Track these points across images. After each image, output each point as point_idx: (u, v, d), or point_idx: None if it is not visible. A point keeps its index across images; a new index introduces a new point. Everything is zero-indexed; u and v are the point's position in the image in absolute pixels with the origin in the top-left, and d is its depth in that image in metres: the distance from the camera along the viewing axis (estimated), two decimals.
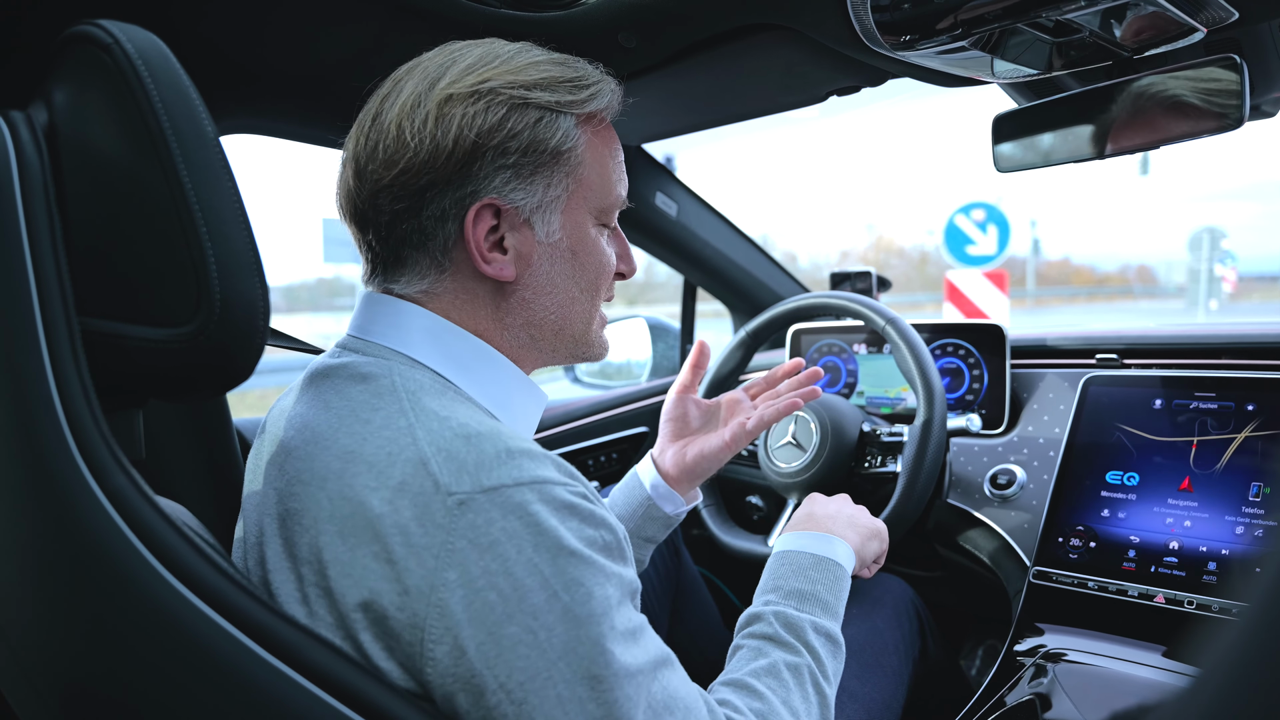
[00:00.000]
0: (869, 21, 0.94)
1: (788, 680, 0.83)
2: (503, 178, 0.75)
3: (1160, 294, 45.75)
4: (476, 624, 0.61)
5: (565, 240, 0.81)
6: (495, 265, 0.77)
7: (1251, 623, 0.23)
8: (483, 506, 0.62)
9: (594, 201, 0.82)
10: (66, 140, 0.64)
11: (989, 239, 7.79)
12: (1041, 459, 1.41)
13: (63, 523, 0.57)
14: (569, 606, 0.62)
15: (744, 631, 0.90)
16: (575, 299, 0.83)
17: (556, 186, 0.78)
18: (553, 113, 0.76)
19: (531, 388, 0.85)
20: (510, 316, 0.80)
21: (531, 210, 0.77)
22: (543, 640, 0.62)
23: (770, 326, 1.59)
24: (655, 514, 1.16)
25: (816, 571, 0.96)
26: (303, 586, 0.67)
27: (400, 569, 0.62)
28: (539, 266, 0.80)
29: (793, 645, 0.86)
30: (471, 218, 0.75)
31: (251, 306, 0.65)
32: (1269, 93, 1.19)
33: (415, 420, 0.68)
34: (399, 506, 0.63)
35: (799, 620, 0.89)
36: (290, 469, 0.70)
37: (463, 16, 1.06)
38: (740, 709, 0.78)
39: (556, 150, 0.77)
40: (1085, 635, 1.18)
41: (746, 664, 0.85)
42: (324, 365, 0.77)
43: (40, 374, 0.57)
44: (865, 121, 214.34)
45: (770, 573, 0.97)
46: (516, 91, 0.75)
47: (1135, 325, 1.64)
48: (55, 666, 0.60)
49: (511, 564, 0.62)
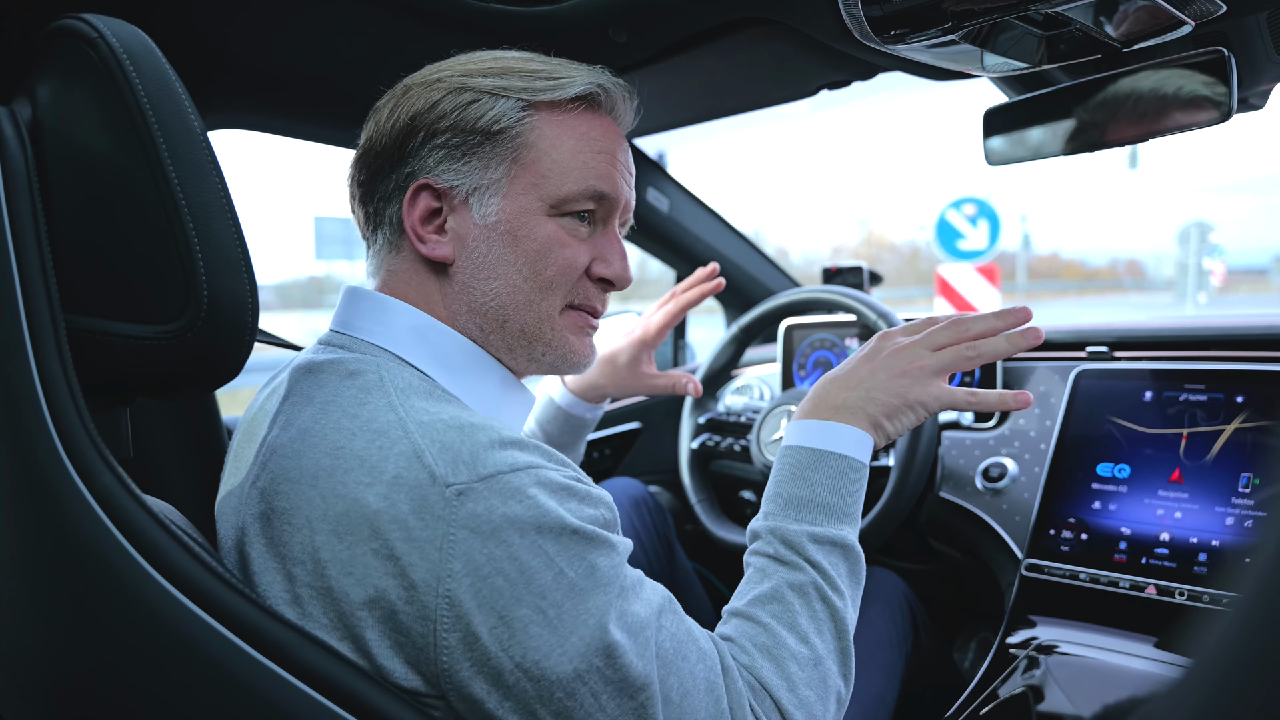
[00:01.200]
0: (859, 15, 0.94)
1: (792, 602, 0.79)
2: (436, 158, 0.78)
3: (1150, 288, 46.01)
4: (487, 610, 0.62)
5: (503, 224, 0.79)
6: (430, 245, 0.79)
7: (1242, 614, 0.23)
8: (482, 495, 0.63)
9: (545, 189, 0.80)
10: (51, 135, 0.64)
11: (980, 234, 7.81)
12: (1033, 452, 1.42)
13: (49, 522, 0.57)
14: (575, 582, 0.64)
15: (750, 549, 0.86)
16: (518, 287, 0.80)
17: (495, 169, 0.79)
18: (491, 95, 0.78)
19: (520, 389, 0.85)
20: (455, 302, 0.81)
21: (469, 192, 0.79)
22: (553, 618, 0.63)
23: (762, 321, 1.59)
24: (581, 424, 1.27)
25: (816, 471, 0.86)
26: (294, 587, 0.66)
27: (403, 564, 0.62)
28: (474, 248, 0.80)
29: (794, 562, 0.81)
30: (409, 197, 0.79)
31: (240, 303, 0.64)
32: (1256, 85, 1.20)
33: (405, 414, 0.68)
34: (395, 501, 0.63)
35: (796, 534, 0.83)
36: (276, 467, 0.69)
37: (453, 11, 1.06)
38: (744, 645, 0.77)
39: (487, 131, 0.78)
40: (1077, 627, 1.18)
41: (751, 589, 0.82)
42: (308, 362, 0.76)
43: (25, 372, 0.57)
44: (856, 116, 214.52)
45: (772, 477, 0.89)
46: (458, 78, 0.79)
47: (1125, 318, 1.64)
48: (43, 667, 0.59)
49: (516, 548, 0.62)
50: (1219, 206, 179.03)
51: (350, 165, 0.85)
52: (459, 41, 0.86)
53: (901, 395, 0.89)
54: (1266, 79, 1.19)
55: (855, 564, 0.84)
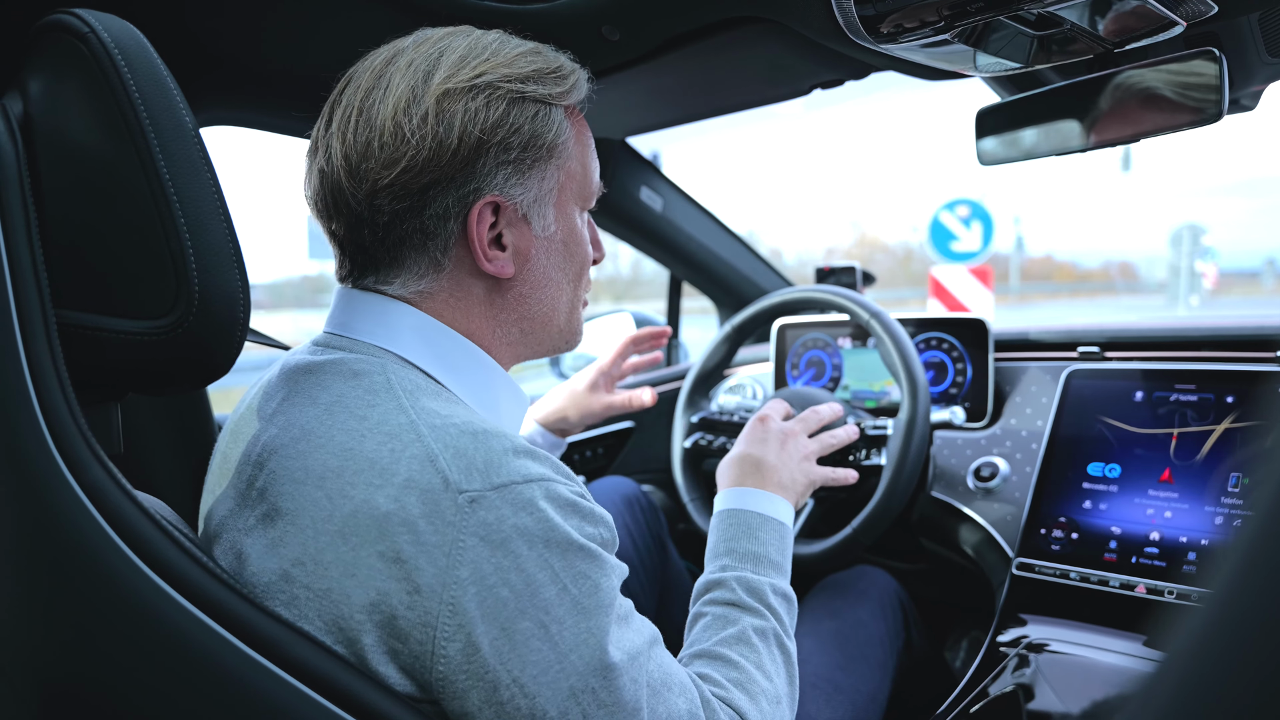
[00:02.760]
0: (852, 14, 0.94)
1: (757, 645, 0.86)
2: (504, 174, 0.75)
3: (1142, 290, 46.18)
4: (490, 620, 0.61)
5: (559, 233, 0.81)
6: (496, 263, 0.77)
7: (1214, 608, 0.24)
8: (494, 504, 0.62)
9: (579, 191, 0.83)
10: (42, 131, 0.64)
11: (973, 235, 7.83)
12: (1024, 451, 1.42)
13: (39, 518, 0.57)
14: (578, 600, 0.64)
15: (705, 599, 0.92)
16: (564, 289, 0.84)
17: (550, 179, 0.79)
18: (546, 105, 0.76)
19: (516, 390, 0.85)
20: (505, 313, 0.80)
21: (529, 205, 0.77)
22: (554, 634, 0.63)
23: (755, 321, 1.59)
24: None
25: (765, 533, 0.98)
26: (291, 587, 0.65)
27: (410, 567, 0.61)
28: (536, 261, 0.80)
29: (757, 609, 0.89)
30: (475, 216, 0.74)
31: (231, 300, 0.64)
32: (1247, 86, 1.20)
33: (417, 416, 0.67)
34: (406, 504, 0.62)
35: (760, 584, 0.91)
36: (277, 467, 0.68)
37: (447, 9, 1.05)
38: (720, 681, 0.80)
39: (552, 144, 0.77)
40: (1068, 626, 1.19)
41: (716, 632, 0.87)
42: (305, 362, 0.75)
43: (16, 367, 0.57)
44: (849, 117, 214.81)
45: (721, 535, 0.98)
46: (513, 85, 0.74)
47: (1117, 319, 1.65)
48: (33, 663, 0.59)
49: (523, 560, 0.62)
50: (1211, 209, 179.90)
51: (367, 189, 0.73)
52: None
53: (806, 475, 1.11)
54: (1258, 80, 1.19)
55: (794, 617, 0.94)
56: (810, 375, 1.81)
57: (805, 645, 1.25)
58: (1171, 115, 1.03)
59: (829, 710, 1.17)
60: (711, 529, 1.01)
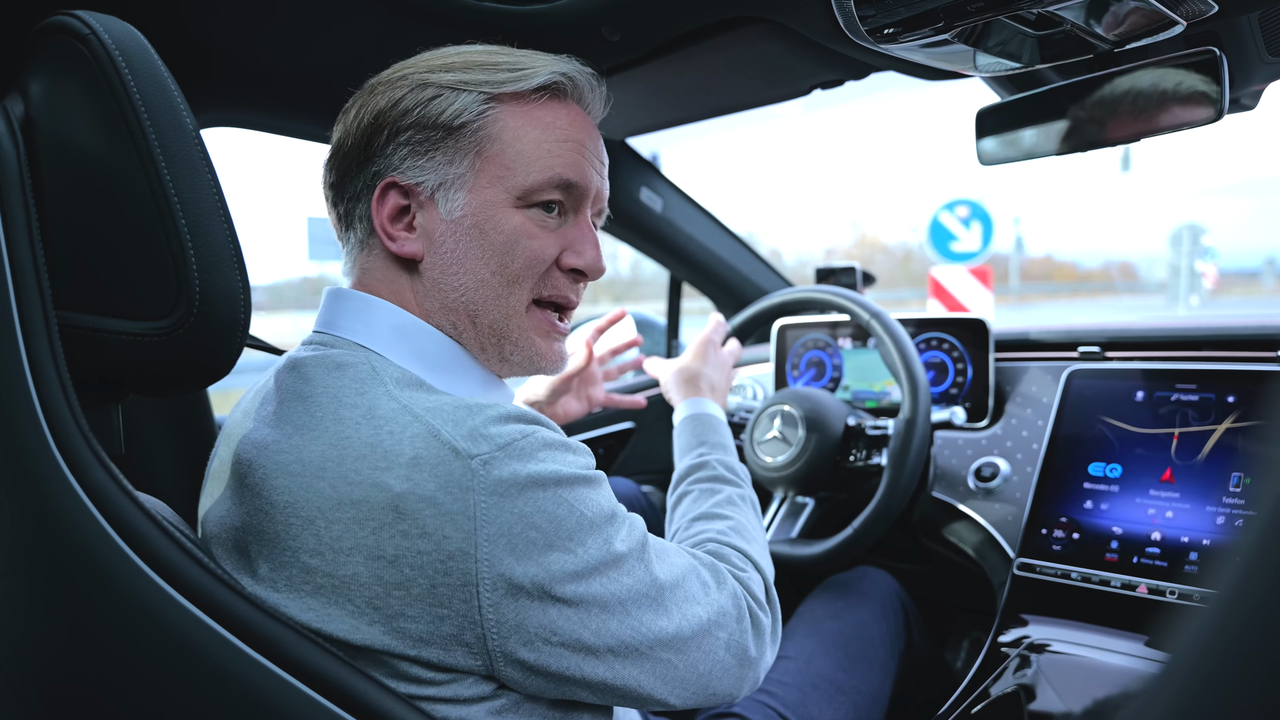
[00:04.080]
0: (852, 14, 0.94)
1: (741, 506, 1.00)
2: (401, 155, 0.79)
3: (1142, 290, 46.18)
4: (525, 561, 0.66)
5: (470, 218, 0.79)
6: (399, 242, 0.80)
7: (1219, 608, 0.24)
8: (503, 462, 0.66)
9: (510, 181, 0.79)
10: (43, 132, 0.64)
11: (973, 235, 7.83)
12: (1025, 451, 1.42)
13: (41, 518, 0.57)
14: (592, 520, 0.70)
15: (687, 480, 1.05)
16: (485, 281, 0.80)
17: (459, 164, 0.79)
18: (452, 90, 0.78)
19: (501, 386, 0.85)
20: (427, 299, 0.81)
21: (434, 188, 0.79)
22: (580, 553, 0.69)
23: (755, 321, 1.59)
24: None
25: (724, 430, 1.17)
26: (313, 578, 0.65)
27: (438, 538, 0.64)
28: (443, 244, 0.80)
29: (736, 481, 1.05)
30: (377, 196, 0.79)
31: (232, 301, 0.64)
32: (1248, 86, 1.20)
33: (408, 401, 0.69)
34: (419, 480, 0.64)
35: (733, 463, 1.08)
36: (268, 462, 0.69)
37: (446, 10, 1.06)
38: (720, 530, 0.93)
39: (449, 125, 0.78)
40: (1069, 626, 1.18)
41: (707, 499, 1.00)
42: (291, 359, 0.77)
43: (17, 368, 0.57)
44: (849, 117, 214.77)
45: (692, 432, 1.15)
46: (421, 75, 0.79)
47: (1117, 319, 1.65)
48: (34, 662, 0.59)
49: (542, 502, 0.67)
50: (1211, 209, 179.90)
51: (321, 167, 0.86)
52: (452, 40, 0.86)
53: (726, 390, 1.32)
54: (1258, 79, 1.19)
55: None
56: (810, 375, 1.81)
57: (807, 646, 1.25)
58: (1171, 114, 1.03)
59: (831, 711, 1.16)
60: (681, 430, 1.17)
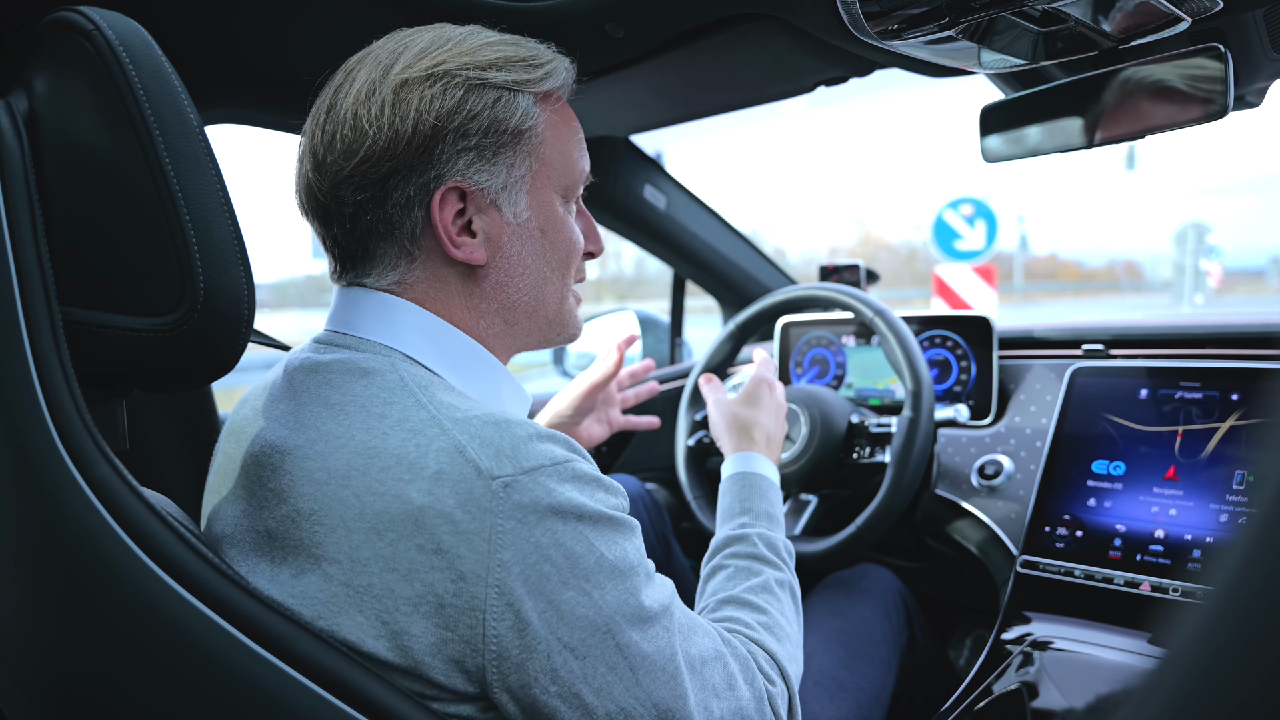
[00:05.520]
0: (856, 11, 0.94)
1: (779, 594, 0.93)
2: (465, 160, 0.75)
3: (1146, 289, 46.09)
4: (536, 595, 0.64)
5: (534, 220, 0.81)
6: (465, 249, 0.77)
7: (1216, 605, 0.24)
8: (526, 487, 0.65)
9: (558, 179, 0.82)
10: (47, 128, 0.64)
11: (977, 234, 7.81)
12: (1028, 449, 1.42)
13: (46, 514, 0.57)
14: (614, 564, 0.68)
15: (726, 553, 0.98)
16: (547, 278, 0.83)
17: (520, 166, 0.78)
18: (510, 92, 0.76)
19: (518, 388, 0.85)
20: (484, 302, 0.80)
21: (497, 191, 0.77)
22: (597, 599, 0.66)
23: (759, 319, 1.59)
24: None
25: (772, 494, 1.08)
26: (330, 585, 0.65)
27: (451, 556, 0.63)
28: (509, 248, 0.80)
29: (776, 563, 0.97)
30: (437, 202, 0.74)
31: (236, 297, 0.64)
32: (1253, 83, 1.20)
33: (437, 411, 0.68)
34: (440, 496, 0.63)
35: (776, 540, 1.00)
36: (294, 469, 0.68)
37: (450, 6, 1.06)
38: (748, 623, 0.87)
39: (517, 130, 0.77)
40: (1072, 623, 1.18)
41: (742, 581, 0.93)
42: (310, 362, 0.75)
43: (22, 364, 0.57)
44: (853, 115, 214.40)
45: (736, 496, 1.07)
46: (472, 73, 0.75)
47: (1121, 317, 1.65)
48: (40, 659, 0.59)
49: (561, 535, 0.65)
50: (1216, 207, 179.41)
51: (330, 182, 0.75)
52: None
53: (780, 440, 1.22)
54: (1263, 76, 1.19)
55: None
56: (814, 373, 1.81)
57: (809, 643, 1.25)
58: (1176, 112, 1.03)
59: (833, 708, 1.16)
60: (726, 489, 1.09)
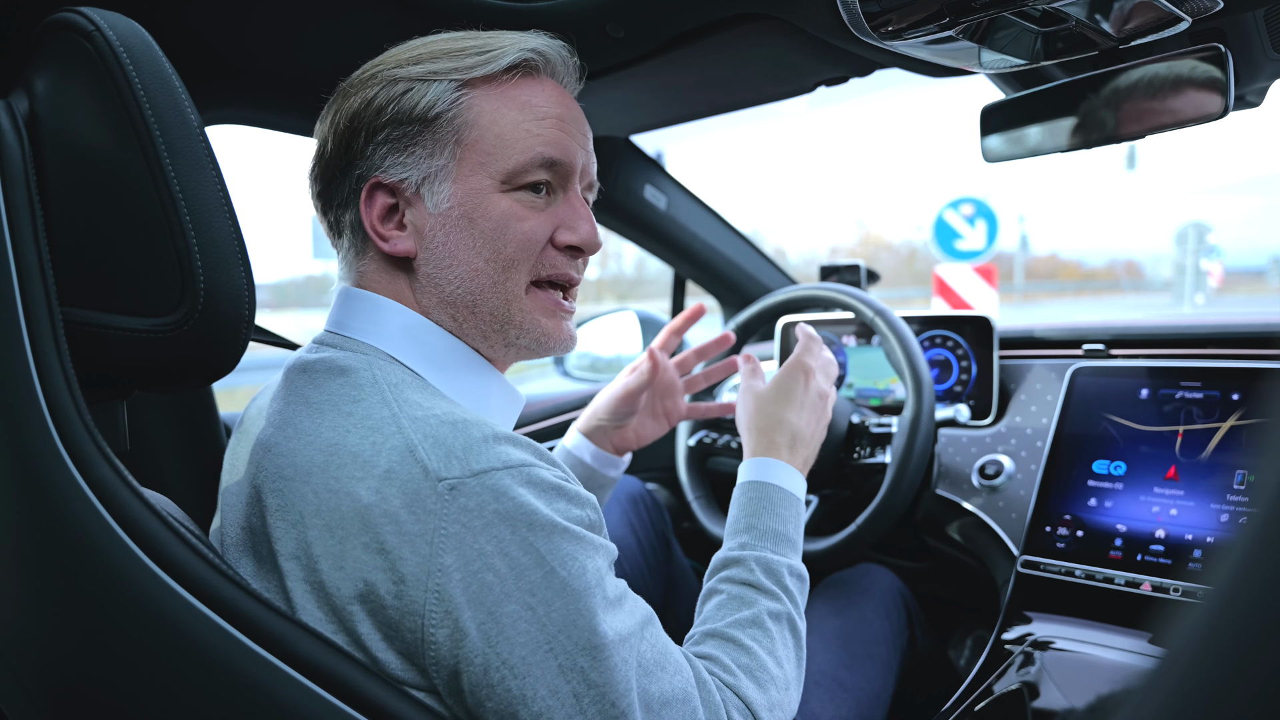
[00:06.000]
0: (856, 10, 0.94)
1: (771, 629, 0.86)
2: (381, 154, 0.78)
3: (1147, 289, 46.08)
4: (476, 605, 0.62)
5: (457, 208, 0.78)
6: (391, 241, 0.79)
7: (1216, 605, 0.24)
8: (474, 490, 0.63)
9: (494, 165, 0.78)
10: (48, 128, 0.64)
11: (977, 234, 7.81)
12: (1029, 449, 1.42)
13: (46, 514, 0.57)
14: (566, 581, 0.64)
15: (721, 575, 0.91)
16: (480, 270, 0.79)
17: (440, 155, 0.78)
18: (422, 82, 0.77)
19: (508, 388, 0.85)
20: (425, 296, 0.80)
21: (419, 183, 0.78)
22: (542, 615, 0.63)
23: (759, 319, 1.59)
24: (601, 481, 1.23)
25: (785, 508, 0.97)
26: (285, 581, 0.66)
27: (394, 558, 0.62)
28: (433, 238, 0.79)
29: (774, 592, 0.89)
30: (364, 198, 0.78)
31: (236, 297, 0.64)
32: (1253, 83, 1.20)
33: (399, 409, 0.68)
34: (387, 495, 0.63)
35: (778, 565, 0.91)
36: (270, 464, 0.70)
37: (450, 7, 1.06)
38: (727, 665, 0.80)
39: (423, 117, 0.77)
40: (1073, 623, 1.18)
41: (730, 613, 0.86)
42: (302, 360, 0.77)
43: (22, 364, 0.57)
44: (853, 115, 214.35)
45: (742, 509, 0.98)
46: (390, 71, 0.78)
47: (1122, 317, 1.65)
48: (40, 658, 0.60)
49: (507, 544, 0.63)
50: (1217, 207, 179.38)
51: (307, 177, 0.84)
52: None
53: (818, 438, 1.09)
54: (1263, 76, 1.19)
55: (806, 594, 0.94)
56: None
57: (809, 643, 1.25)
58: (1176, 111, 1.03)
59: (833, 708, 1.16)
60: (736, 498, 1.00)
